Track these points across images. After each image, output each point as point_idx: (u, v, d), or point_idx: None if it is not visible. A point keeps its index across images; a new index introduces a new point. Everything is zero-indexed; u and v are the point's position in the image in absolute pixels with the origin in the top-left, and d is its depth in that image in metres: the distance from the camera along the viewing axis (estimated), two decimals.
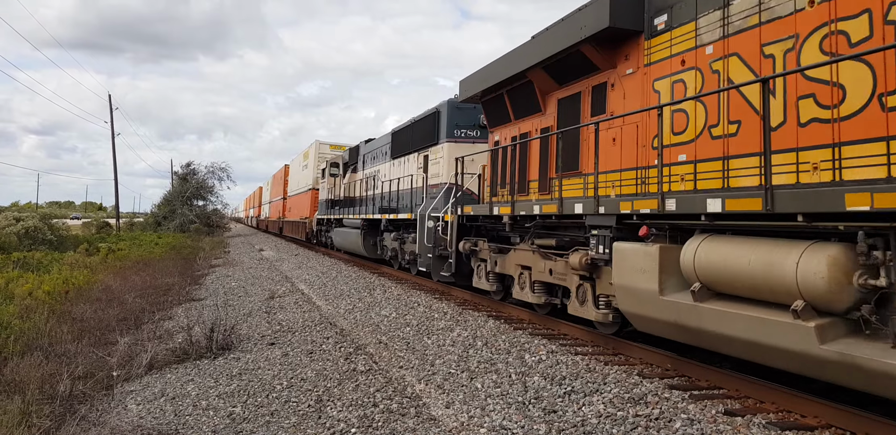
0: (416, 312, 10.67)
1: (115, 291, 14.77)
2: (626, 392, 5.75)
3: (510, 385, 6.28)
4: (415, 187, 14.89)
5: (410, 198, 15.15)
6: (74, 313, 11.74)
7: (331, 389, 6.82)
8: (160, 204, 49.99)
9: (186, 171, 49.84)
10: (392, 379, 6.97)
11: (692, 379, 6.18)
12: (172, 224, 44.76)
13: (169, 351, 9.16)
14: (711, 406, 5.31)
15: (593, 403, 5.57)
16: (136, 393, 7.76)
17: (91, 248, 24.57)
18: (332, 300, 12.91)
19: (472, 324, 9.34)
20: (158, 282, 17.00)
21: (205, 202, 48.92)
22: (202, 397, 7.21)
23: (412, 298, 12.31)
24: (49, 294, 12.82)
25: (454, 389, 6.40)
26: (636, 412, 5.25)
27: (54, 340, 9.64)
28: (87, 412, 7.10)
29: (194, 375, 8.14)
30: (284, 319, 11.16)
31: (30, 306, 11.60)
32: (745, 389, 5.64)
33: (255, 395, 7.01)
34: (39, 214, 28.99)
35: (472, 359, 7.41)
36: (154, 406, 7.15)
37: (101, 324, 11.17)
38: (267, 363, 8.25)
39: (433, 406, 5.95)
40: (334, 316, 11.09)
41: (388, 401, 6.23)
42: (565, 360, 6.98)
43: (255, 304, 13.24)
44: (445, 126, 13.63)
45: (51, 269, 17.93)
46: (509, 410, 5.61)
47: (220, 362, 8.61)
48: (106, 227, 41.40)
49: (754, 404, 5.38)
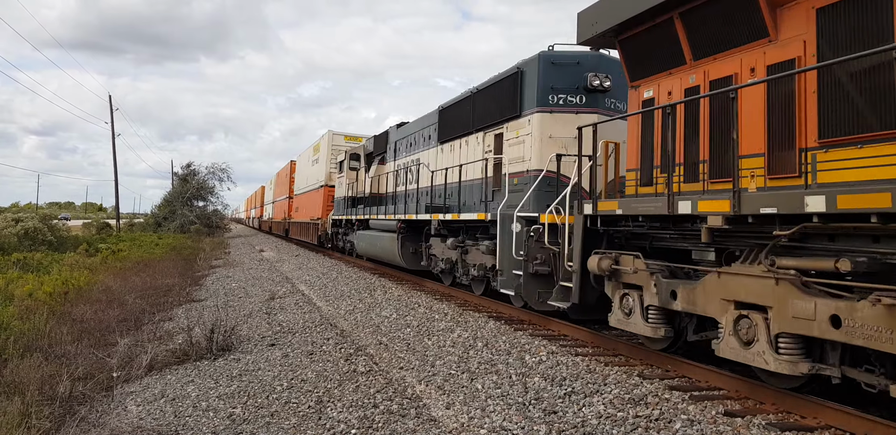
0: (416, 313, 10.67)
1: (116, 291, 14.77)
2: (626, 393, 5.76)
3: (510, 386, 6.28)
4: (481, 178, 11.46)
5: (473, 192, 11.88)
6: (74, 314, 11.74)
7: (331, 390, 6.82)
8: (160, 205, 50.06)
9: (187, 172, 49.91)
10: (392, 380, 6.97)
11: (692, 380, 6.18)
12: (173, 225, 44.80)
13: (169, 352, 9.17)
14: (711, 407, 5.31)
15: (593, 403, 5.57)
16: (136, 394, 7.76)
17: (91, 248, 24.57)
18: (332, 301, 12.91)
19: (472, 325, 9.34)
20: (158, 283, 17.01)
21: (205, 203, 49.00)
22: (202, 398, 7.21)
23: (413, 298, 12.31)
24: (49, 295, 12.82)
25: (454, 389, 6.40)
26: (636, 413, 5.26)
27: (54, 342, 9.64)
28: (86, 413, 7.10)
29: (194, 376, 8.14)
30: (285, 320, 11.16)
31: (30, 307, 11.59)
32: (744, 390, 5.65)
33: (256, 396, 7.01)
34: (39, 215, 28.99)
35: (472, 360, 7.41)
36: (154, 407, 7.15)
37: (101, 325, 11.17)
38: (267, 364, 8.25)
39: (433, 407, 5.96)
40: (335, 317, 11.09)
41: (388, 402, 6.23)
42: (565, 361, 6.98)
43: (256, 304, 13.24)
44: (537, 90, 9.90)
45: (51, 270, 17.93)
46: (510, 410, 5.61)
47: (221, 363, 8.61)
48: (106, 227, 41.40)
49: (754, 405, 5.38)
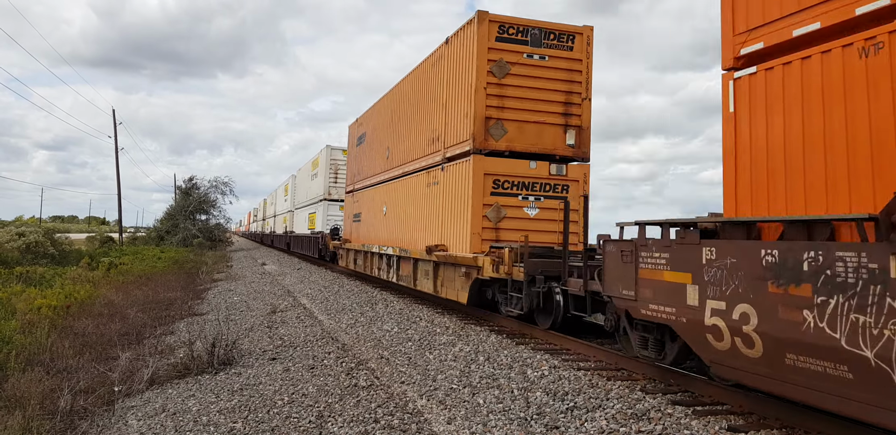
0: (418, 327, 10.64)
1: (117, 305, 14.77)
2: (628, 408, 5.72)
3: (512, 401, 6.25)
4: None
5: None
6: (76, 328, 11.73)
7: (332, 405, 6.79)
8: (163, 218, 50.20)
9: (189, 186, 50.09)
10: (393, 394, 6.94)
11: (695, 394, 6.15)
12: (175, 238, 44.87)
13: (170, 366, 9.15)
14: (715, 422, 5.27)
15: (596, 418, 5.54)
16: (136, 408, 7.73)
17: (93, 262, 24.60)
18: (333, 315, 12.88)
19: (474, 339, 9.31)
20: (160, 296, 17.01)
21: (207, 216, 49.10)
22: (203, 413, 7.18)
23: (414, 312, 12.29)
24: (52, 308, 12.82)
25: (456, 404, 6.37)
26: (639, 428, 5.22)
27: (56, 355, 9.63)
28: (87, 428, 7.08)
29: (195, 391, 8.11)
30: (286, 334, 11.14)
31: (32, 321, 11.59)
32: (748, 404, 5.61)
33: (256, 410, 6.98)
34: (43, 229, 29.06)
35: (474, 374, 7.38)
36: (155, 422, 7.11)
37: (103, 339, 11.16)
38: (268, 378, 8.22)
39: (435, 422, 5.92)
40: (336, 331, 11.07)
41: (389, 417, 6.20)
42: (568, 375, 6.95)
43: (257, 318, 13.21)
44: None
45: (53, 283, 17.95)
46: (511, 425, 5.57)
47: (222, 377, 8.58)
48: (109, 241, 41.47)
49: (758, 420, 5.34)
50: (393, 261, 15.05)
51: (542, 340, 9.13)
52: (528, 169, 10.87)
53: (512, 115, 10.86)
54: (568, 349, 8.48)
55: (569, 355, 8.12)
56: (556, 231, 9.98)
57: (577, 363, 7.58)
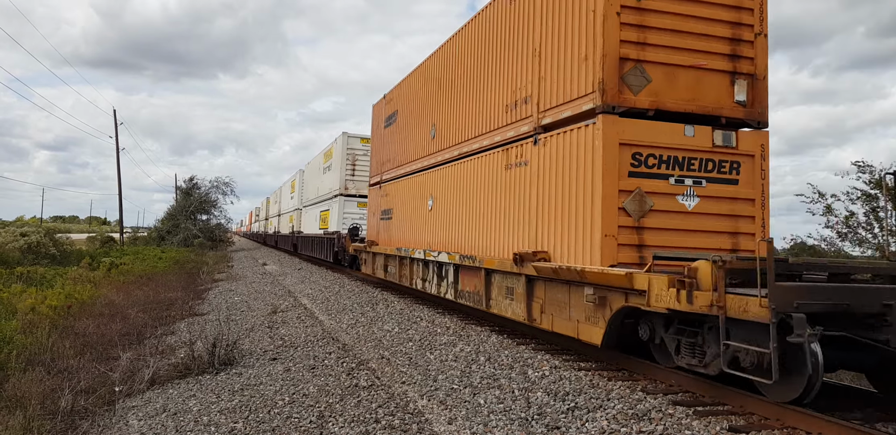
0: (418, 327, 10.64)
1: (118, 305, 14.78)
2: (629, 408, 5.72)
3: (513, 401, 6.25)
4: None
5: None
6: (77, 328, 11.74)
7: (333, 405, 6.79)
8: (163, 218, 50.23)
9: (190, 186, 50.14)
10: (394, 395, 6.94)
11: (696, 395, 6.14)
12: (176, 238, 44.88)
13: (171, 366, 9.15)
14: (716, 422, 5.27)
15: (597, 419, 5.54)
16: (137, 409, 7.73)
17: (94, 262, 24.61)
18: (334, 315, 12.88)
19: (474, 339, 9.31)
20: (161, 296, 17.02)
21: (208, 217, 49.14)
22: (204, 413, 7.18)
23: (415, 312, 12.28)
24: (52, 309, 12.82)
25: (457, 404, 6.37)
26: (640, 429, 5.22)
27: (56, 356, 9.64)
28: (88, 428, 7.09)
29: (196, 391, 8.11)
30: (287, 334, 11.14)
31: (33, 321, 11.60)
32: (749, 405, 5.60)
33: (257, 410, 6.98)
34: (44, 229, 29.09)
35: (474, 374, 7.38)
36: (155, 422, 7.11)
37: (104, 339, 11.16)
38: (269, 379, 8.22)
39: (435, 422, 5.92)
40: (337, 331, 11.07)
41: (390, 417, 6.20)
42: (568, 375, 6.94)
43: (258, 318, 13.21)
44: None
45: (54, 283, 17.96)
46: (512, 426, 5.57)
47: (223, 378, 8.58)
48: (110, 241, 41.49)
49: (759, 421, 5.34)
50: (447, 271, 11.50)
51: (544, 340, 8.95)
52: (683, 137, 7.28)
53: (657, 56, 7.31)
54: (569, 349, 8.41)
55: (569, 355, 8.10)
56: (726, 232, 7.32)
57: (578, 364, 7.57)
